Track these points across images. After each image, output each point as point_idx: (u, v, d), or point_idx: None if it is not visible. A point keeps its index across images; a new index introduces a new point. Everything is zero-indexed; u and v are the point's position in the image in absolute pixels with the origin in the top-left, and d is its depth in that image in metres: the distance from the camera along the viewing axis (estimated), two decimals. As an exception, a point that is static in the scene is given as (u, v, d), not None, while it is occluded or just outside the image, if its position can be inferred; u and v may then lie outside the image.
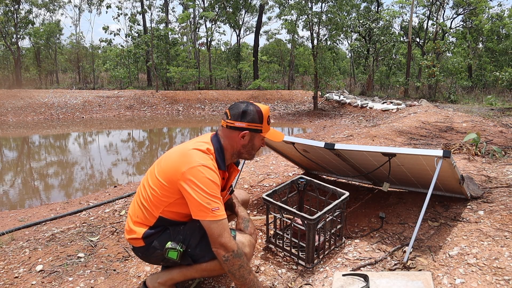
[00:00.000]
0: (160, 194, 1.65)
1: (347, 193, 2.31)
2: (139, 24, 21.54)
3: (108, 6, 20.27)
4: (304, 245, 2.18)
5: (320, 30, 13.37)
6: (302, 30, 22.30)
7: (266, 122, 1.72)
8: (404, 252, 2.17)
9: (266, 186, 3.47)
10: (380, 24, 18.23)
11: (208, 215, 1.55)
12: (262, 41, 30.95)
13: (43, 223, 3.27)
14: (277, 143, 3.04)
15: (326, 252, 2.30)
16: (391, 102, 12.28)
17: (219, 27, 21.33)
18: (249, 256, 1.76)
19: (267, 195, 2.32)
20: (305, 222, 2.10)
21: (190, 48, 20.79)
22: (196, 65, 19.46)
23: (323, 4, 12.86)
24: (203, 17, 19.48)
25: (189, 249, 1.70)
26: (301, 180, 2.58)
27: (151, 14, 30.84)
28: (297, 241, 2.24)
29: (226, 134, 1.71)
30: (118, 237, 2.64)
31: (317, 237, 2.22)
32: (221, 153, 1.70)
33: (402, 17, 19.84)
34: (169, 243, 1.68)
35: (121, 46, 20.25)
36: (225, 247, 1.55)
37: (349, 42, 20.47)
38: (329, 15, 12.84)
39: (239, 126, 1.67)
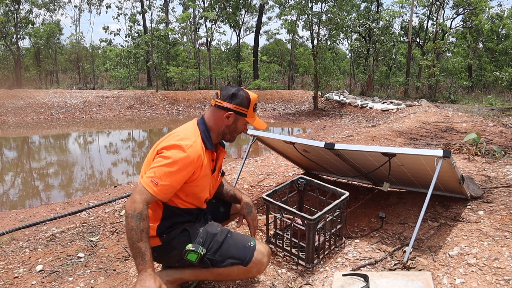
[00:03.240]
0: None
1: (347, 193, 2.31)
2: (139, 24, 21.57)
3: (108, 6, 20.28)
4: (304, 245, 2.18)
5: (320, 30, 13.38)
6: (302, 30, 22.32)
7: (252, 109, 1.78)
8: (404, 252, 2.17)
9: (266, 186, 3.47)
10: (380, 24, 18.24)
11: (144, 180, 1.57)
12: (262, 41, 31.02)
13: (43, 223, 3.27)
14: (277, 143, 3.05)
15: (326, 252, 2.30)
16: (391, 102, 12.28)
17: (219, 27, 21.32)
18: (265, 265, 1.77)
19: (267, 195, 2.32)
20: (305, 222, 2.10)
21: (190, 48, 20.78)
22: (196, 65, 19.45)
23: (323, 4, 12.86)
24: (203, 17, 19.48)
25: (208, 253, 1.70)
26: (301, 180, 2.58)
27: (151, 14, 30.98)
28: (297, 241, 2.24)
29: (213, 113, 1.76)
30: (118, 237, 2.64)
31: (317, 237, 2.22)
32: (207, 133, 1.75)
33: (402, 17, 19.86)
34: (190, 245, 1.66)
35: (121, 46, 20.27)
36: (131, 202, 1.54)
37: (349, 42, 20.46)
38: (329, 15, 12.85)
39: (226, 107, 1.73)
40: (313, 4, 13.01)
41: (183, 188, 1.67)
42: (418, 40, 20.64)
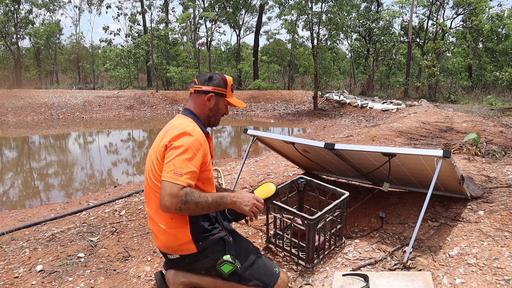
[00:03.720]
0: None
1: (347, 193, 2.31)
2: (139, 24, 21.57)
3: (108, 6, 20.28)
4: (304, 245, 2.18)
5: (320, 30, 13.38)
6: (302, 30, 22.32)
7: (230, 89, 1.85)
8: (404, 252, 2.17)
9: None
10: (380, 24, 18.23)
11: (167, 175, 1.54)
12: (262, 41, 31.02)
13: (43, 223, 3.28)
14: (277, 143, 3.05)
15: (326, 252, 2.30)
16: (391, 102, 12.28)
17: (219, 27, 21.29)
18: None
19: (267, 195, 2.31)
20: (305, 222, 2.10)
21: (190, 48, 20.78)
22: (196, 65, 19.45)
23: (323, 4, 12.86)
24: (203, 17, 19.48)
25: (239, 268, 1.69)
26: (301, 180, 2.58)
27: (151, 14, 30.98)
28: (297, 241, 2.24)
29: (194, 100, 1.81)
30: (118, 237, 2.64)
31: (317, 237, 2.22)
32: (198, 119, 1.79)
33: (402, 17, 19.86)
34: (229, 256, 1.66)
35: (121, 46, 20.26)
36: (170, 198, 1.50)
37: (349, 42, 20.46)
38: (329, 15, 12.84)
39: (205, 90, 1.78)
40: (313, 4, 13.01)
41: (199, 175, 1.67)
42: (418, 40, 20.64)
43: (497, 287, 1.73)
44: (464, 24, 19.72)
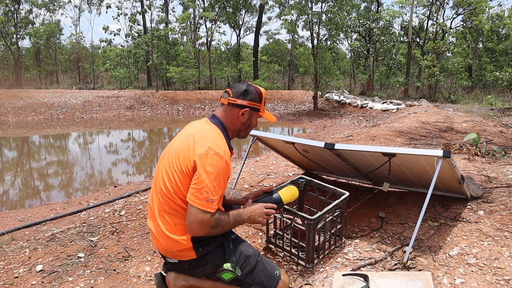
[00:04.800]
0: (187, 185, 1.61)
1: (347, 193, 2.31)
2: (139, 24, 21.58)
3: (108, 6, 20.29)
4: (304, 245, 2.18)
5: (320, 30, 13.38)
6: (302, 30, 22.35)
7: (263, 103, 1.80)
8: (404, 252, 2.17)
9: (266, 186, 3.47)
10: (380, 24, 18.24)
11: (200, 203, 1.53)
12: (262, 41, 30.93)
13: (43, 223, 3.28)
14: (277, 143, 3.05)
15: (326, 252, 2.30)
16: (391, 102, 12.28)
17: (219, 27, 21.28)
18: None
19: (267, 195, 2.31)
20: (305, 222, 2.10)
21: (190, 48, 20.78)
22: (196, 65, 19.45)
23: (323, 4, 12.86)
24: (203, 17, 19.48)
25: (239, 275, 1.68)
26: (301, 180, 2.58)
27: (151, 14, 30.97)
28: (297, 241, 2.24)
29: (227, 112, 1.74)
30: (118, 237, 2.64)
31: (317, 237, 2.22)
32: (227, 134, 1.74)
33: (402, 17, 19.89)
34: (229, 264, 1.65)
35: (121, 46, 20.27)
36: (203, 224, 1.53)
37: (349, 42, 20.47)
38: (329, 15, 12.85)
39: (240, 104, 1.72)
40: (313, 4, 13.02)
41: None
42: (418, 40, 20.64)
43: (497, 287, 1.73)
44: (464, 24, 19.72)
